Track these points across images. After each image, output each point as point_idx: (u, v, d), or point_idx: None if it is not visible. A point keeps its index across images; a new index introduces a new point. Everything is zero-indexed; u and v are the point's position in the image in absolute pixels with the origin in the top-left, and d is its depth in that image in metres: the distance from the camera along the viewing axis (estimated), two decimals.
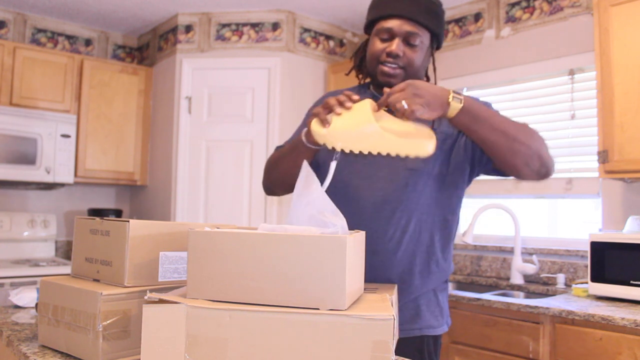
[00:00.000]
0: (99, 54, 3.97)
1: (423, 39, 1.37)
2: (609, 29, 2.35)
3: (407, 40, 1.36)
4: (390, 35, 1.37)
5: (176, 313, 0.88)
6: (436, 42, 1.44)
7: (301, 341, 0.85)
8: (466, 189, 1.51)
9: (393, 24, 1.36)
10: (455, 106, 1.17)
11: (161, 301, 0.90)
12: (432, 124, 1.25)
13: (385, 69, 1.37)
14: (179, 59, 3.56)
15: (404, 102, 1.13)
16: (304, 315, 0.86)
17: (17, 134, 3.14)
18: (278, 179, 1.47)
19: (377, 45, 1.39)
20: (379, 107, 1.17)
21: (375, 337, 0.83)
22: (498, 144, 1.24)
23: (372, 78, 1.46)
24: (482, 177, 2.78)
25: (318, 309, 0.87)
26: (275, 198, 3.36)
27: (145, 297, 0.90)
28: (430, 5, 1.38)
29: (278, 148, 1.55)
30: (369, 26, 1.45)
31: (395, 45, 1.35)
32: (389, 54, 1.36)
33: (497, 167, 1.34)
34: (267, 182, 1.54)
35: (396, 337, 1.08)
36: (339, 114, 1.16)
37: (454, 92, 1.18)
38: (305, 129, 1.27)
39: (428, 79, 1.51)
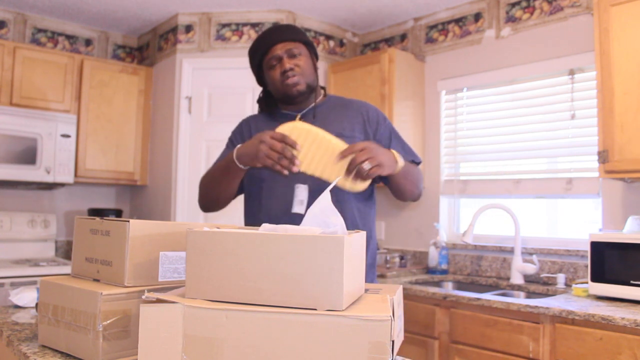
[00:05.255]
0: (99, 54, 3.97)
1: (301, 49, 1.67)
2: (609, 29, 2.35)
3: (291, 54, 1.64)
4: (277, 60, 1.64)
5: (173, 313, 0.88)
6: (312, 51, 1.73)
7: (298, 341, 0.85)
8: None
9: (274, 51, 1.65)
10: (399, 167, 1.53)
11: (158, 301, 0.90)
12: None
13: (289, 81, 1.62)
14: (179, 59, 3.56)
15: (367, 164, 1.38)
16: (301, 315, 0.86)
17: (17, 134, 3.14)
18: (214, 198, 1.73)
19: (272, 73, 1.66)
20: (341, 158, 1.40)
21: (372, 338, 0.83)
22: (406, 188, 1.66)
23: (283, 99, 1.69)
24: (482, 177, 2.80)
25: (315, 309, 0.87)
26: None
27: (143, 297, 0.91)
28: (289, 27, 1.70)
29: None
30: (259, 73, 1.72)
31: (286, 62, 1.63)
32: (284, 72, 1.63)
33: (392, 190, 1.72)
34: (204, 202, 1.77)
35: (400, 338, 1.07)
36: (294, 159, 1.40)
37: (395, 153, 1.53)
38: (237, 150, 1.51)
39: (324, 89, 1.79)
